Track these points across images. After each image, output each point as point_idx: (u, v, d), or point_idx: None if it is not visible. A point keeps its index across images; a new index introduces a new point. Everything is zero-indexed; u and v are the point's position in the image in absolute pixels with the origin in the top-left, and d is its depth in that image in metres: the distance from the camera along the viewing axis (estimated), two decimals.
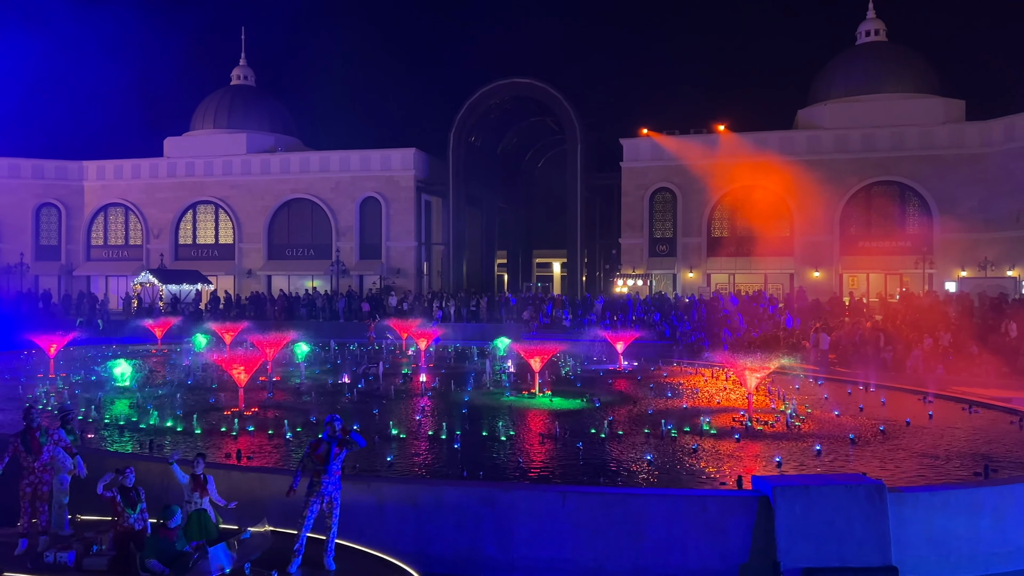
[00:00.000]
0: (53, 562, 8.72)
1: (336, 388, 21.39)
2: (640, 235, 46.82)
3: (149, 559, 8.32)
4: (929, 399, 19.41)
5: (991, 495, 10.52)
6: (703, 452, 13.68)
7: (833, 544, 9.65)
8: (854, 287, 42.67)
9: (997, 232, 40.31)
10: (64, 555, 8.73)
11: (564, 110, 48.53)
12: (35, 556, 8.91)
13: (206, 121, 55.68)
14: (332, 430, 8.88)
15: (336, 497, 8.73)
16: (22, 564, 8.81)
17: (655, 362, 28.03)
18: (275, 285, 51.51)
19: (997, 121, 41.36)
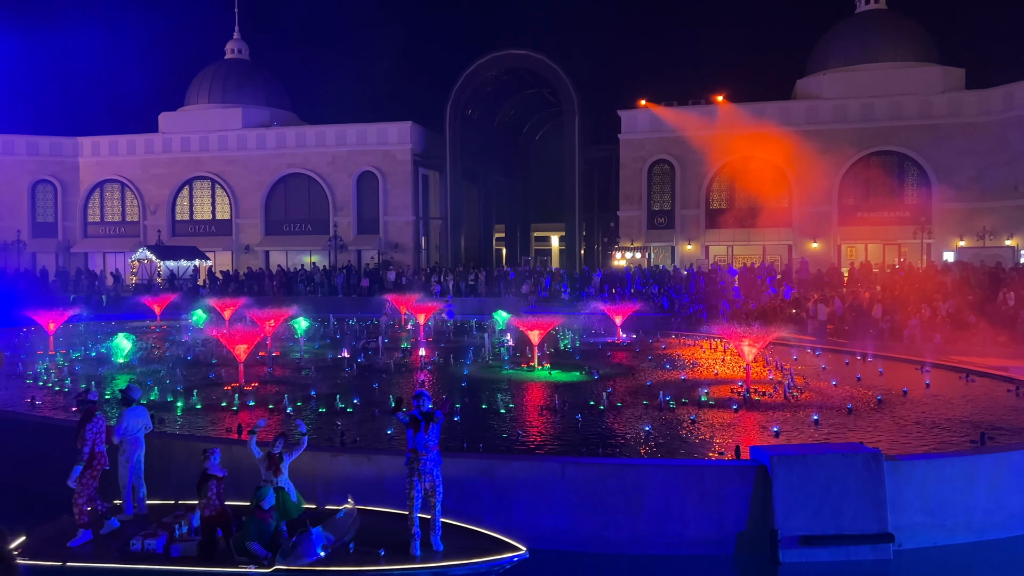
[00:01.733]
0: (141, 551, 8.30)
1: (336, 362, 21.45)
2: (638, 208, 46.70)
3: (249, 542, 8.03)
4: (926, 368, 19.51)
5: (986, 463, 10.61)
6: (701, 423, 13.76)
7: (830, 512, 9.75)
8: (852, 258, 42.66)
9: (995, 201, 40.24)
10: (152, 542, 8.32)
11: (561, 82, 48.15)
12: (121, 545, 8.49)
13: (200, 96, 55.24)
14: (421, 405, 8.61)
15: (437, 475, 8.48)
16: (108, 553, 8.33)
17: (653, 334, 28.11)
18: (273, 260, 51.47)
19: (996, 89, 41.10)
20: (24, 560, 8.01)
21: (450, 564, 8.06)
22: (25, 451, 12.62)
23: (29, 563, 8.05)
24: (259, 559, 7.96)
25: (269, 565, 7.92)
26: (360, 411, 14.83)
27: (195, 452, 11.42)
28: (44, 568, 8.09)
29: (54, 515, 9.41)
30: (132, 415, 9.83)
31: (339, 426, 13.25)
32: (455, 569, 8.04)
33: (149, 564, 8.15)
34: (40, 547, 8.40)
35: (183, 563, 8.17)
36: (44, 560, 8.17)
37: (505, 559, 8.18)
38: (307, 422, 14.05)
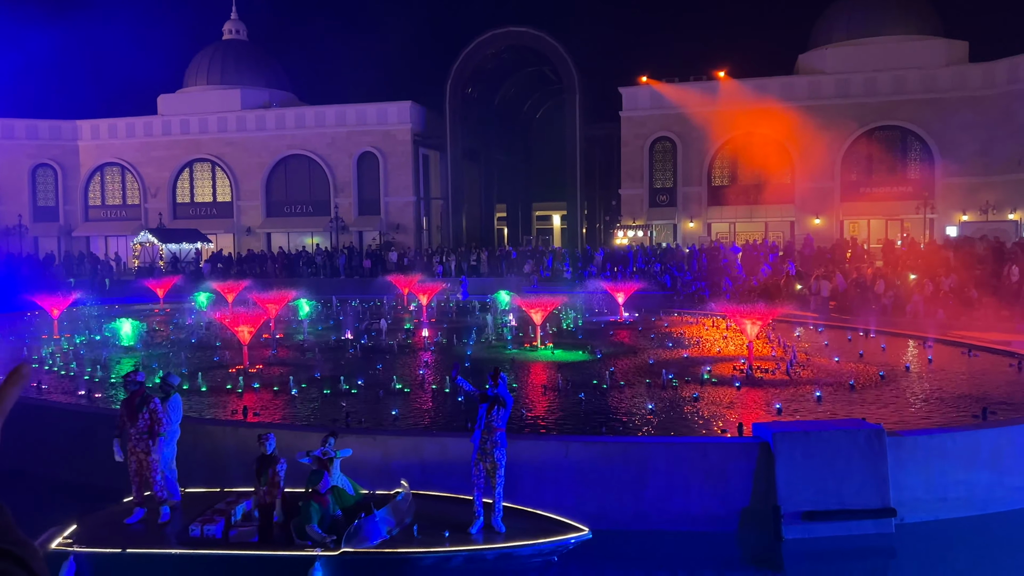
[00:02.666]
0: (200, 536, 8.22)
1: (339, 344, 21.52)
2: (640, 185, 46.55)
3: (310, 525, 7.98)
4: (929, 344, 19.54)
5: (988, 438, 10.67)
6: (704, 400, 13.82)
7: (832, 488, 9.82)
8: (855, 233, 42.57)
9: (998, 176, 40.06)
10: (212, 528, 8.27)
11: (562, 59, 47.81)
12: (179, 531, 8.36)
13: (199, 77, 54.96)
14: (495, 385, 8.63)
15: (501, 458, 8.52)
16: (167, 540, 8.26)
17: (656, 313, 28.13)
18: (274, 242, 51.48)
19: (1001, 62, 40.74)
20: (82, 548, 7.93)
21: (515, 545, 8.12)
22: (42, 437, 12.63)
23: (88, 551, 7.96)
24: (324, 542, 7.87)
25: (335, 548, 7.83)
26: (364, 392, 14.90)
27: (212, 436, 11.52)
28: (104, 556, 8.01)
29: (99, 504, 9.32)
30: (179, 403, 9.80)
31: (344, 407, 13.32)
32: (520, 550, 8.11)
33: (210, 549, 8.08)
34: (95, 535, 8.31)
35: (243, 547, 8.12)
36: (103, 548, 8.07)
37: (568, 539, 8.26)
38: (312, 404, 14.16)
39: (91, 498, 10.08)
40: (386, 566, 7.94)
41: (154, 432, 8.78)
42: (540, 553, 8.17)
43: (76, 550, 7.90)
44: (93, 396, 14.87)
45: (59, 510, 9.85)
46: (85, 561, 7.91)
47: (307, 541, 7.95)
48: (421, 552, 7.95)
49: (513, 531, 8.38)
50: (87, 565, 7.91)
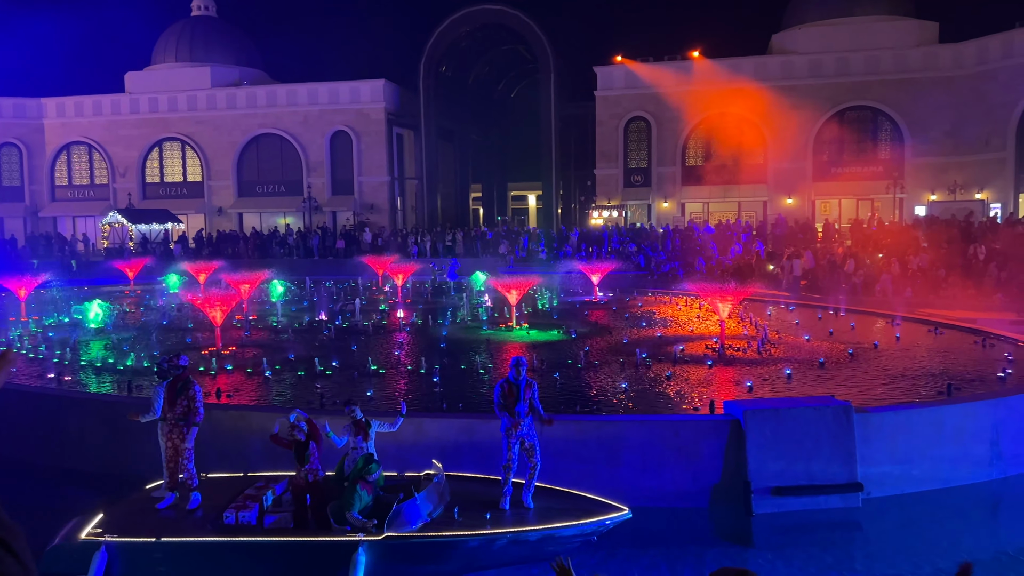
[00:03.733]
0: (235, 523, 8.02)
1: (313, 325, 21.42)
2: (615, 165, 46.60)
3: (350, 511, 7.82)
4: (897, 322, 19.89)
5: (952, 413, 10.92)
6: (677, 379, 13.98)
7: (802, 463, 10.02)
8: (826, 213, 43.02)
9: (967, 156, 40.62)
10: (246, 514, 8.09)
11: (536, 38, 47.53)
12: (214, 517, 8.16)
13: (167, 55, 53.89)
14: (517, 372, 8.54)
15: (535, 438, 8.56)
16: (202, 527, 8.08)
17: (630, 292, 28.31)
18: (247, 223, 50.91)
19: (970, 43, 41.17)
20: (114, 538, 7.77)
21: (559, 526, 8.10)
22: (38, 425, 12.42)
23: (121, 540, 7.79)
24: (366, 527, 7.72)
25: (378, 532, 7.69)
26: (339, 373, 14.87)
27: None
28: (137, 545, 7.84)
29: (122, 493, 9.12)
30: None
31: (319, 388, 13.30)
32: (564, 530, 8.10)
33: (246, 536, 7.91)
34: (125, 524, 8.10)
35: (280, 534, 7.95)
36: (136, 537, 7.89)
37: (610, 519, 8.29)
38: (286, 385, 14.11)
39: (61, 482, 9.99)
40: (430, 549, 7.86)
41: (189, 421, 8.62)
42: (582, 533, 8.20)
43: (108, 540, 7.74)
44: (62, 379, 14.69)
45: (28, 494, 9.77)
46: (116, 551, 7.75)
47: (345, 527, 7.80)
48: (466, 535, 7.87)
49: (550, 511, 8.36)
50: (118, 555, 7.76)
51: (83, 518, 8.18)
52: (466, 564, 8.06)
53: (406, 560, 7.83)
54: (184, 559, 7.87)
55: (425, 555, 7.86)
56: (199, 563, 7.91)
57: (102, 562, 7.68)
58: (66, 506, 10.50)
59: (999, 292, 23.93)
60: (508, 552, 8.07)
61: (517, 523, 8.10)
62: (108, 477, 11.10)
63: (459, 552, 7.91)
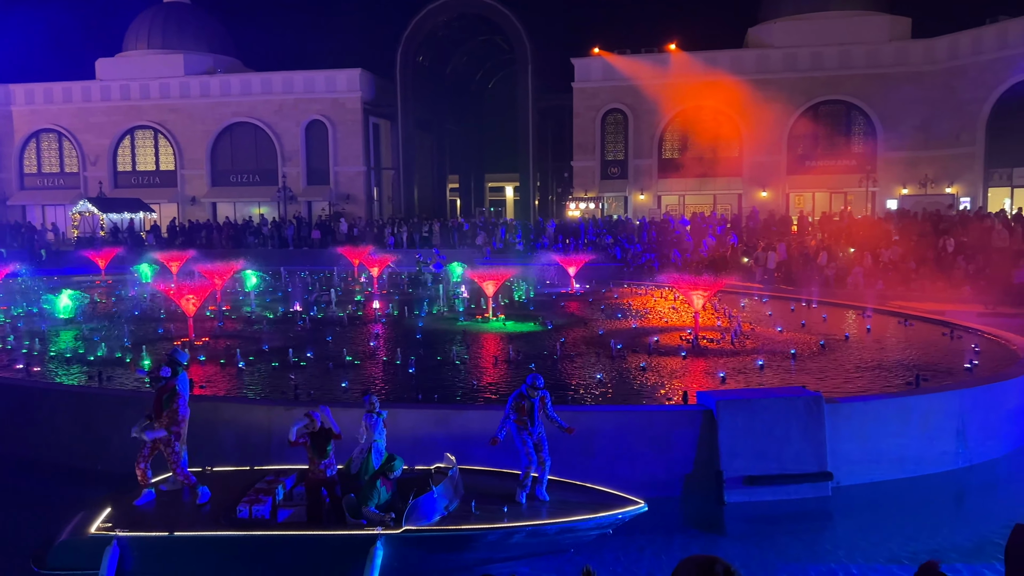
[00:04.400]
0: (248, 517, 7.93)
1: (288, 316, 21.28)
2: (592, 157, 46.67)
3: (367, 506, 7.78)
4: (867, 314, 20.17)
5: (919, 403, 11.12)
6: (651, 370, 14.08)
7: (773, 453, 10.15)
8: (800, 206, 43.45)
9: (937, 150, 41.18)
10: (260, 508, 7.97)
11: (514, 28, 47.40)
12: (227, 512, 8.06)
13: (139, 41, 53.02)
14: (532, 390, 8.67)
15: (543, 436, 8.71)
16: (215, 522, 7.96)
17: (606, 284, 28.42)
18: (220, 212, 50.37)
19: (942, 39, 41.69)
20: (125, 532, 7.63)
21: (577, 519, 8.14)
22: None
23: (133, 535, 7.65)
24: (384, 520, 7.67)
25: (396, 526, 7.64)
26: (313, 365, 14.80)
27: None
28: (149, 539, 7.71)
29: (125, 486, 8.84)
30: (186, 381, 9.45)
31: (293, 380, 13.23)
32: (581, 523, 8.16)
33: (261, 530, 7.80)
34: (135, 518, 7.97)
35: (296, 528, 7.88)
36: (148, 531, 7.76)
37: (627, 512, 8.37)
38: (260, 376, 14.02)
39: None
40: (449, 543, 7.83)
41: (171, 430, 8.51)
42: (599, 526, 8.27)
43: (120, 534, 7.61)
44: (31, 370, 14.48)
45: None
46: (128, 545, 7.62)
47: (361, 520, 7.74)
48: (486, 528, 7.86)
49: (567, 504, 8.40)
50: (130, 549, 7.63)
51: (89, 512, 8.05)
52: (484, 557, 8.05)
53: (425, 553, 7.80)
54: (198, 553, 7.77)
55: (444, 548, 7.85)
56: (212, 557, 7.81)
57: (114, 556, 7.54)
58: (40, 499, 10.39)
59: (967, 285, 24.35)
60: (526, 544, 8.10)
61: (535, 516, 8.15)
62: (78, 470, 10.98)
63: (478, 545, 7.91)
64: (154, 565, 7.73)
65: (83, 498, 10.28)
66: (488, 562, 8.06)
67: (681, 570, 2.59)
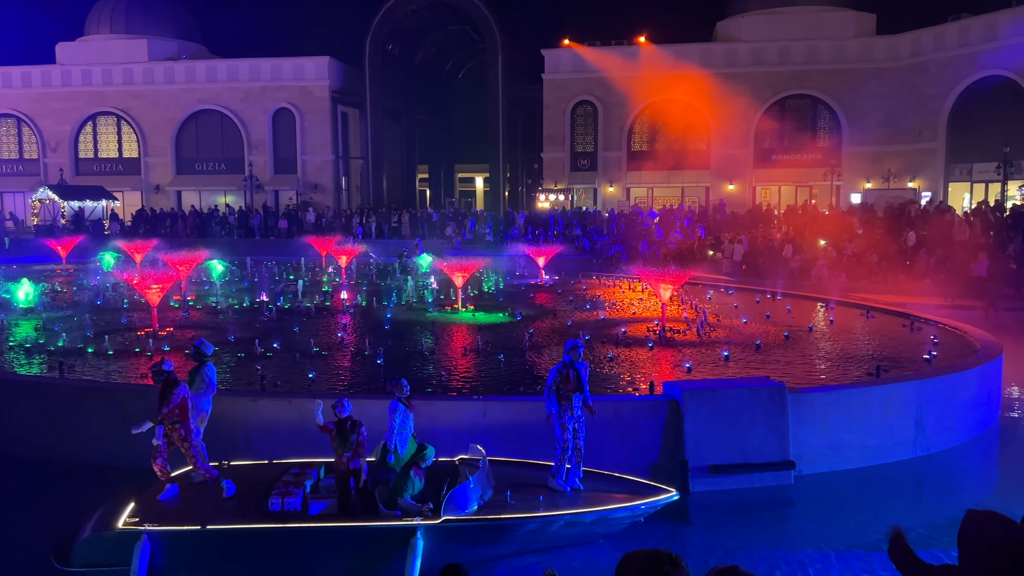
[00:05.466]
0: (281, 510, 7.80)
1: (254, 306, 21.05)
2: (562, 149, 46.73)
3: (402, 497, 7.69)
4: (831, 305, 20.51)
5: (879, 394, 11.34)
6: (618, 360, 14.19)
7: (737, 443, 10.29)
8: (767, 199, 43.95)
9: (900, 145, 41.90)
10: (292, 501, 7.87)
11: (484, 18, 47.22)
12: (255, 504, 7.94)
13: (101, 25, 51.85)
14: (575, 355, 8.58)
15: (583, 421, 8.70)
16: (246, 515, 7.82)
17: (575, 275, 28.53)
18: (185, 201, 49.59)
19: (905, 35, 42.37)
20: (155, 527, 7.46)
21: (613, 507, 8.20)
22: None
23: (163, 529, 7.49)
24: (422, 511, 7.61)
25: (435, 516, 7.57)
26: (280, 355, 14.67)
27: None
28: (181, 533, 7.55)
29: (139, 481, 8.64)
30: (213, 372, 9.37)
31: (259, 370, 13.10)
32: (616, 512, 8.22)
33: (294, 523, 7.66)
34: (163, 513, 7.79)
35: (332, 519, 7.76)
36: (179, 525, 7.59)
37: (660, 501, 8.44)
38: (225, 367, 13.86)
39: None
40: (489, 532, 7.80)
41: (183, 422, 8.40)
42: (632, 515, 8.34)
43: (149, 529, 7.45)
44: None
45: None
46: (158, 539, 7.47)
47: (396, 511, 7.65)
48: (525, 517, 7.85)
49: (601, 493, 8.45)
50: (160, 544, 7.47)
51: (110, 507, 7.89)
52: (521, 546, 8.05)
53: (463, 543, 7.75)
54: (230, 547, 7.66)
55: (483, 538, 7.83)
56: (246, 551, 7.71)
57: (145, 552, 7.40)
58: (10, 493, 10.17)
59: (927, 277, 24.85)
60: (562, 534, 8.11)
61: (572, 505, 8.19)
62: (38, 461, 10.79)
63: (516, 534, 7.91)
64: (185, 560, 7.61)
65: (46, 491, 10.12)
66: (522, 553, 8.07)
67: (626, 565, 2.59)
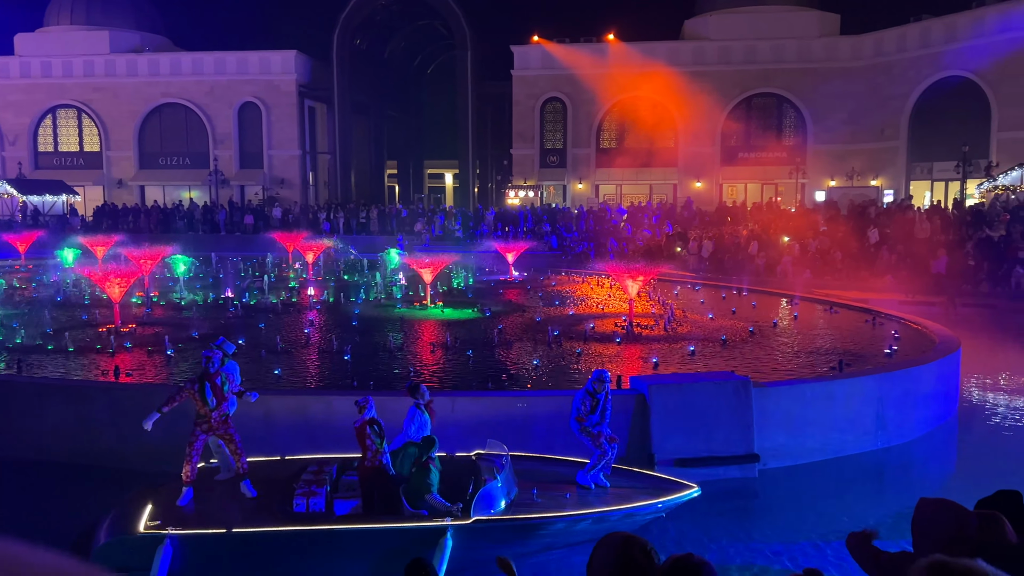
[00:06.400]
0: (306, 511, 7.70)
1: (219, 302, 20.78)
2: (531, 146, 46.76)
3: (430, 493, 7.59)
4: (795, 301, 20.80)
5: (841, 387, 11.54)
6: (587, 355, 14.25)
7: (703, 436, 10.40)
8: (733, 196, 44.42)
9: (864, 144, 42.62)
10: (316, 501, 7.78)
11: (453, 13, 47.05)
12: (279, 505, 7.83)
13: (62, 16, 50.71)
14: (599, 387, 8.81)
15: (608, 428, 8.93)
16: (270, 516, 7.67)
17: (545, 272, 28.58)
18: (149, 196, 48.75)
19: (868, 36, 43.08)
20: (178, 530, 7.27)
21: (639, 504, 8.26)
22: None
23: (187, 532, 7.31)
24: (451, 511, 7.51)
25: (464, 515, 7.52)
26: (246, 352, 14.50)
27: None
28: (206, 536, 7.37)
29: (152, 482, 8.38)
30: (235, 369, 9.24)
31: None
32: (642, 508, 8.27)
33: (322, 524, 7.52)
34: (183, 515, 7.61)
35: (356, 520, 7.63)
36: (204, 528, 7.42)
37: (683, 496, 8.52)
38: (190, 364, 13.66)
39: None
40: (519, 531, 7.76)
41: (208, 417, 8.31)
42: (656, 511, 8.41)
43: (173, 532, 7.26)
44: None
45: None
46: (180, 543, 7.27)
47: (422, 511, 7.55)
48: (555, 516, 7.85)
49: (626, 490, 8.53)
50: (183, 547, 7.27)
51: (124, 510, 7.68)
52: (548, 544, 8.03)
53: (493, 542, 7.66)
54: (255, 550, 7.51)
55: (512, 537, 7.79)
56: (271, 554, 7.57)
57: (167, 555, 7.22)
58: None
59: (889, 274, 25.31)
60: (589, 531, 8.09)
61: (599, 503, 8.25)
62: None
63: (545, 532, 7.90)
64: (208, 564, 7.44)
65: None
66: (549, 549, 8.06)
67: (599, 551, 2.65)
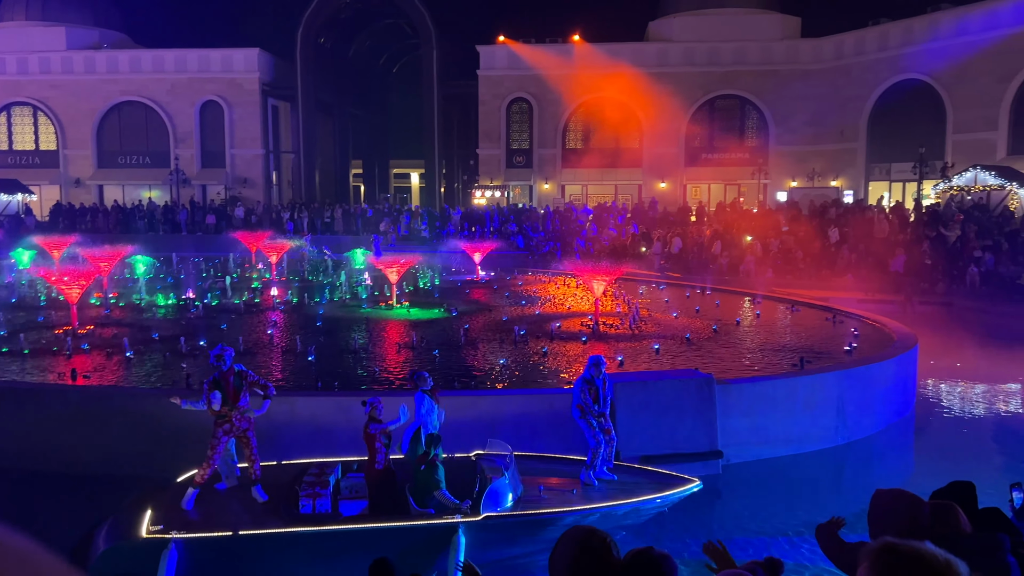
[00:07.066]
0: (312, 512, 7.65)
1: (180, 303, 20.44)
2: (497, 146, 46.75)
3: (439, 490, 7.60)
4: (758, 300, 21.09)
5: (803, 384, 11.73)
6: (552, 354, 14.30)
7: (667, 433, 10.50)
8: (697, 197, 44.87)
9: (824, 145, 43.32)
10: (321, 502, 7.72)
11: (418, 12, 46.84)
12: (284, 507, 7.74)
13: (16, 12, 49.41)
14: (596, 371, 8.85)
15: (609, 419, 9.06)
16: (276, 518, 7.56)
17: (511, 272, 28.59)
18: (108, 196, 47.75)
19: (828, 39, 43.81)
20: (183, 534, 7.11)
21: (644, 499, 8.32)
22: None
23: (192, 536, 7.16)
24: (461, 508, 7.51)
25: (475, 512, 7.49)
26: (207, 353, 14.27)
27: None
28: (211, 540, 7.23)
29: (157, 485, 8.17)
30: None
31: (184, 368, 12.74)
32: (646, 503, 8.35)
33: (328, 525, 7.45)
34: (187, 519, 7.47)
35: (363, 521, 7.58)
36: (210, 531, 7.28)
37: (687, 490, 8.60)
38: (150, 366, 13.43)
39: None
40: (528, 527, 7.78)
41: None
42: (660, 506, 8.50)
43: (176, 536, 7.11)
44: None
45: None
46: (185, 547, 7.12)
47: (429, 509, 7.52)
48: (563, 511, 7.89)
49: (630, 485, 8.63)
50: (188, 551, 7.13)
51: (125, 515, 7.53)
52: (552, 540, 7.98)
53: (502, 539, 7.75)
54: (261, 552, 7.41)
55: (521, 533, 7.84)
56: (277, 555, 7.46)
57: (172, 560, 7.06)
58: None
59: (849, 273, 25.79)
60: (597, 524, 8.09)
61: (605, 498, 8.33)
62: None
63: (554, 528, 7.88)
64: (213, 566, 7.34)
65: None
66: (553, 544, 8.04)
67: (560, 545, 2.68)
